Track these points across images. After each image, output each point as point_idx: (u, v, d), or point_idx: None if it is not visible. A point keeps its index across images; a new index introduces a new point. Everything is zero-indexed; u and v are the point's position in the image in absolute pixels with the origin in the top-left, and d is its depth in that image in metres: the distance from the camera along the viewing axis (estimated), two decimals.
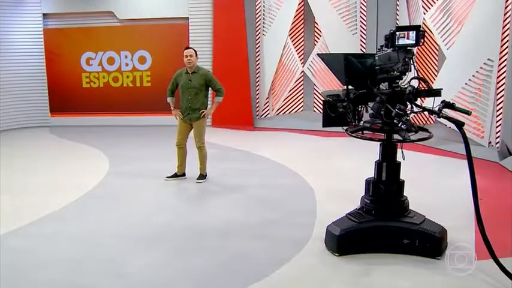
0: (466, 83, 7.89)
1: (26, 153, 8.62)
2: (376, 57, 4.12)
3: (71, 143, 9.46)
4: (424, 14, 8.70)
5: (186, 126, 6.27)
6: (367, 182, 4.33)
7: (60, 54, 11.66)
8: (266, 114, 11.40)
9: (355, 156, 7.52)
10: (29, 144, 9.60)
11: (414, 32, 3.78)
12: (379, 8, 9.67)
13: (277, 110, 11.47)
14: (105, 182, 6.45)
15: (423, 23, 8.63)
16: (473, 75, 7.81)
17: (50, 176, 6.76)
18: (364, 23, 10.01)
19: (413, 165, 4.10)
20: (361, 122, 4.30)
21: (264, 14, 10.97)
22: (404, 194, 4.23)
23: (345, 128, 4.30)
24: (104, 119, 11.59)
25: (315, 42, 10.96)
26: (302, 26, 11.10)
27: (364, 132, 4.23)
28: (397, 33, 3.79)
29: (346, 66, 4.08)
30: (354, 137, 4.18)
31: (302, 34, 11.13)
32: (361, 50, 10.06)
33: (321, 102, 10.92)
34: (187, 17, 11.15)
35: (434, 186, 6.08)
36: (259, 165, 7.29)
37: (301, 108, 11.40)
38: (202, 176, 6.31)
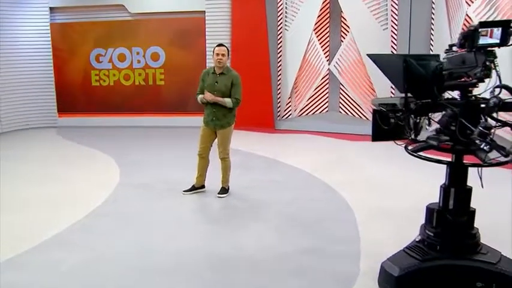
0: None
1: (30, 158, 7.98)
2: (444, 60, 3.38)
3: (78, 147, 8.85)
4: (468, 7, 7.87)
5: (210, 133, 5.54)
6: (430, 210, 3.59)
7: (68, 50, 11.03)
8: (288, 115, 10.67)
9: (393, 164, 6.83)
10: (33, 148, 8.98)
11: (500, 29, 3.02)
12: (412, 1, 8.88)
13: (300, 111, 10.72)
14: (116, 195, 5.77)
15: (465, 18, 7.84)
16: None
17: (54, 187, 6.10)
18: (396, 17, 9.22)
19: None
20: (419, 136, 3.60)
21: (286, 7, 10.22)
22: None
23: (403, 144, 3.60)
24: (114, 120, 11.01)
25: (342, 38, 10.20)
26: (328, 20, 10.33)
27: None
28: (480, 30, 3.03)
29: (405, 70, 3.36)
30: (416, 157, 3.44)
31: (327, 29, 10.37)
32: (391, 47, 9.29)
33: (353, 104, 10.27)
34: (204, 11, 10.45)
35: (480, 202, 5.30)
36: (285, 176, 6.57)
37: (326, 109, 10.64)
38: (225, 190, 5.62)
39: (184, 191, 5.67)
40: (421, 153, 3.51)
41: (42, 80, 11.05)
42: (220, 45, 5.42)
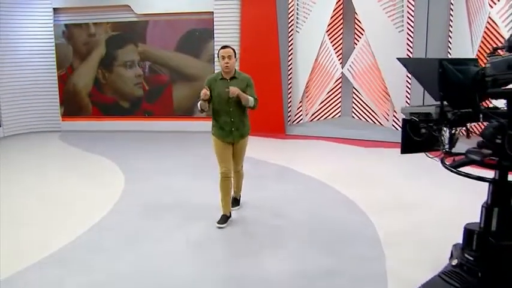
0: None
1: (30, 164, 7.65)
2: (487, 65, 3.01)
3: (81, 153, 8.53)
4: (490, 9, 7.47)
5: (229, 147, 4.79)
6: (469, 231, 3.22)
7: (73, 51, 10.75)
8: (299, 120, 10.31)
9: (413, 174, 6.50)
10: (34, 153, 8.65)
11: None
12: (430, 2, 8.51)
13: (312, 115, 10.34)
14: (120, 207, 5.41)
15: (488, 20, 7.48)
16: None
17: (55, 197, 5.78)
18: (412, 19, 8.84)
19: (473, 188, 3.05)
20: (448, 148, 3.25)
21: (297, 8, 9.88)
22: None
23: (435, 157, 3.25)
24: (119, 124, 10.70)
25: (356, 40, 9.82)
26: (341, 22, 9.96)
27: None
28: None
29: (442, 75, 3.01)
30: (456, 173, 3.07)
31: (341, 31, 9.99)
32: (407, 50, 8.92)
33: (366, 109, 9.90)
34: (212, 12, 10.12)
35: None
36: (300, 186, 6.20)
37: (339, 114, 10.26)
38: (237, 202, 5.25)
39: (219, 225, 4.74)
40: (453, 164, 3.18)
41: (45, 82, 10.76)
42: (225, 47, 4.69)
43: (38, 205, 5.48)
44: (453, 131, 3.23)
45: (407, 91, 9.04)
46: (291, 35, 9.90)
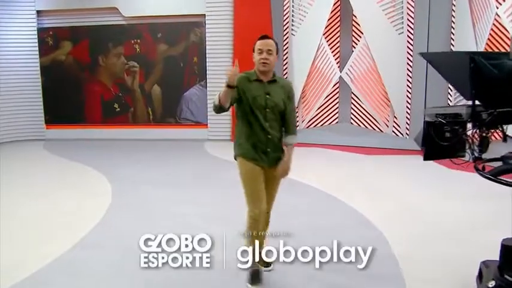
0: None
1: (11, 176, 7.12)
2: None
3: (66, 162, 8.07)
4: (497, 8, 7.16)
5: (262, 176, 3.49)
6: (508, 248, 2.83)
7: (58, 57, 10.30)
8: None
9: (417, 182, 6.22)
10: (16, 164, 8.17)
11: None
12: (431, 3, 8.21)
13: (308, 122, 9.95)
14: (107, 220, 4.95)
15: (493, 23, 7.18)
16: None
17: (35, 213, 5.28)
18: (412, 20, 8.53)
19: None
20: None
21: (293, 11, 9.53)
22: None
23: (474, 165, 2.87)
24: (106, 132, 10.27)
25: (354, 43, 9.46)
26: (338, 24, 9.59)
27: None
28: None
29: (474, 71, 2.66)
30: (494, 181, 2.68)
31: (338, 34, 9.62)
32: (407, 53, 8.60)
33: (366, 115, 9.50)
34: (204, 14, 9.77)
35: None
36: (300, 197, 5.77)
37: (336, 120, 9.87)
38: (266, 261, 3.75)
39: (251, 285, 3.57)
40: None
41: (28, 89, 10.28)
42: (264, 37, 3.46)
43: (17, 219, 5.00)
44: (486, 134, 2.87)
45: (407, 96, 8.71)
46: (286, 38, 9.56)
